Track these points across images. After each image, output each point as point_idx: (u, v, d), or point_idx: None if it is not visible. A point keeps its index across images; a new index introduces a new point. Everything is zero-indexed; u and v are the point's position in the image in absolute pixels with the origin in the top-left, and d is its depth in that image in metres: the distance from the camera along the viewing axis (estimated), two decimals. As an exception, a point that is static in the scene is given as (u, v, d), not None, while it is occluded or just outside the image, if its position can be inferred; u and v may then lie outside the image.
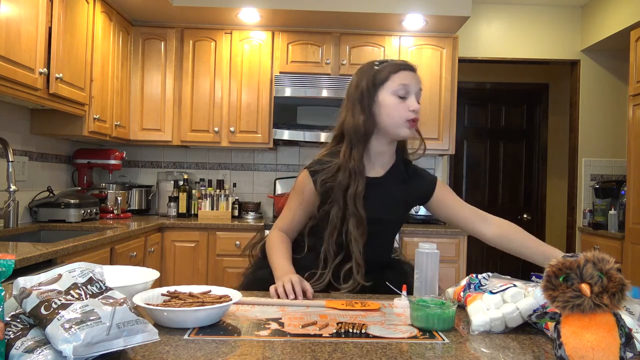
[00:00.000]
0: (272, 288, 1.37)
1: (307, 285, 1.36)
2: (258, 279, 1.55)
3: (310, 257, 1.54)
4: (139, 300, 1.08)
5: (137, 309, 0.92)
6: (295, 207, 1.57)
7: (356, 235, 1.47)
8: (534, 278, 1.25)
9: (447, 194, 1.63)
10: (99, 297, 0.86)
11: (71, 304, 0.81)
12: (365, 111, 1.50)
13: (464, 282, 1.28)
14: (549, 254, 1.39)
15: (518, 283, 1.15)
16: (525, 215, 5.31)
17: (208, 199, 3.82)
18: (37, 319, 0.81)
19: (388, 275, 1.54)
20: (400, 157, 1.60)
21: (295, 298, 1.32)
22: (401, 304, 1.25)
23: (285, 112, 3.74)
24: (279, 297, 1.33)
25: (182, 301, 1.10)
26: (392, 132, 1.51)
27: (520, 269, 5.21)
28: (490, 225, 1.56)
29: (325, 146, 1.63)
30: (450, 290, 1.32)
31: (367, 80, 1.51)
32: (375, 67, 1.52)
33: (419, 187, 1.61)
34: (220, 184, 3.94)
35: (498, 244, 1.55)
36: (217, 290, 1.19)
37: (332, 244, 1.50)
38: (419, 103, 1.51)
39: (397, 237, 3.51)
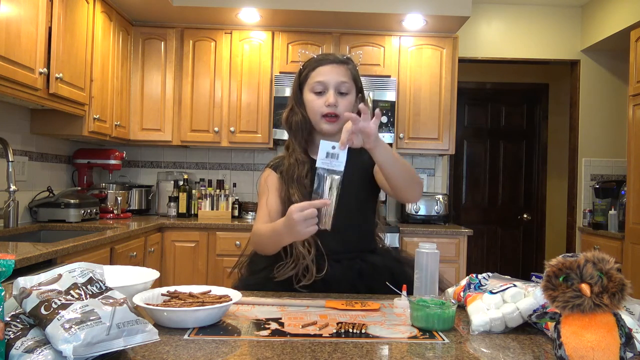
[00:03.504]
0: (303, 232, 1.24)
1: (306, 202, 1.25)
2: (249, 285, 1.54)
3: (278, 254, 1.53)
4: (139, 300, 1.08)
5: (137, 309, 0.92)
6: (265, 203, 1.57)
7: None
8: (534, 278, 1.25)
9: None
10: (99, 297, 0.86)
11: (71, 304, 0.81)
12: (294, 109, 1.59)
13: (464, 282, 1.28)
14: None
15: (518, 283, 1.15)
16: (525, 215, 5.31)
17: (208, 199, 3.82)
18: (37, 319, 0.81)
19: (373, 260, 1.53)
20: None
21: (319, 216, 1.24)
22: (401, 304, 1.25)
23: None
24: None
25: (182, 301, 1.10)
26: (317, 128, 1.57)
27: (520, 269, 5.24)
28: None
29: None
30: (450, 290, 1.32)
31: (296, 80, 1.61)
32: (301, 67, 1.60)
33: (367, 158, 1.55)
34: (220, 184, 3.94)
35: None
36: (217, 290, 1.19)
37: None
38: (345, 93, 1.53)
39: (397, 237, 3.53)
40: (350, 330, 1.05)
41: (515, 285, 1.12)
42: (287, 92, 3.69)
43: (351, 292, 1.45)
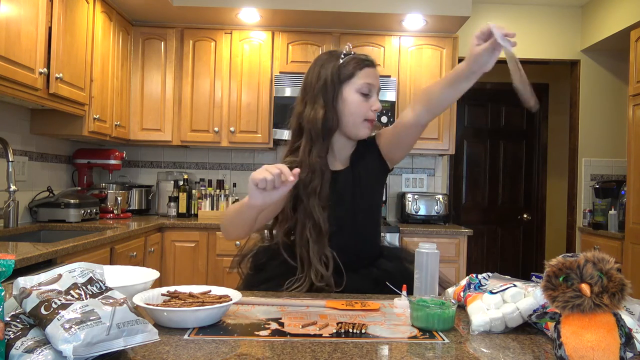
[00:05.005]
0: (253, 174, 1.14)
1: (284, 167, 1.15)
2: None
3: (287, 266, 1.48)
4: (139, 300, 1.08)
5: (137, 309, 0.92)
6: None
7: (312, 239, 1.42)
8: (534, 278, 1.25)
9: (385, 135, 1.55)
10: (99, 297, 0.86)
11: (71, 304, 0.81)
12: (328, 105, 1.44)
13: (464, 282, 1.28)
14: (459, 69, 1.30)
15: (518, 283, 1.14)
16: (525, 215, 5.31)
17: (208, 199, 3.83)
18: (37, 319, 0.81)
19: (382, 263, 1.53)
20: (358, 142, 1.55)
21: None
22: (401, 304, 1.25)
23: (285, 112, 3.71)
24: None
25: (182, 301, 1.10)
26: (351, 131, 1.47)
27: (520, 269, 5.24)
28: (415, 103, 1.44)
29: (286, 143, 1.56)
30: (450, 290, 1.32)
31: (331, 72, 1.45)
32: (340, 60, 1.47)
33: (372, 159, 1.55)
34: (220, 184, 3.94)
35: (436, 105, 1.40)
36: (217, 290, 1.19)
37: (305, 245, 1.45)
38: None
39: (397, 236, 3.53)
40: (350, 330, 1.05)
41: (515, 285, 1.12)
42: (287, 92, 3.69)
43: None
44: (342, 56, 1.48)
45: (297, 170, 1.12)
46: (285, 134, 3.68)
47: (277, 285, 1.47)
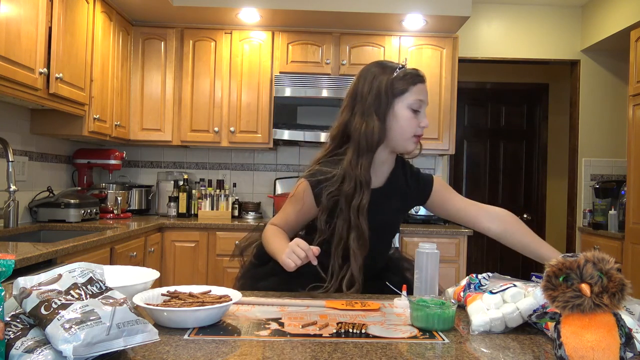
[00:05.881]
0: (285, 259, 1.32)
1: (309, 246, 1.33)
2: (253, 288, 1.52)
3: (314, 269, 1.47)
4: (139, 300, 1.08)
5: (137, 309, 0.92)
6: (291, 212, 1.52)
7: (356, 249, 1.44)
8: (534, 278, 1.25)
9: (444, 191, 1.62)
10: (99, 297, 0.86)
11: (71, 304, 0.81)
12: (380, 119, 1.43)
13: (464, 282, 1.28)
14: (547, 258, 1.42)
15: (518, 283, 1.15)
16: (525, 215, 5.31)
17: (208, 199, 3.83)
18: (37, 319, 0.81)
19: (388, 277, 1.54)
20: (399, 161, 1.58)
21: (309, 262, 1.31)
22: (401, 304, 1.25)
23: (285, 112, 3.74)
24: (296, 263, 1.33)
25: (182, 301, 1.10)
26: (398, 145, 1.49)
27: (520, 269, 5.23)
28: (494, 219, 1.56)
29: (323, 146, 1.57)
30: (450, 290, 1.32)
31: (385, 86, 1.44)
32: (395, 74, 1.45)
33: (416, 189, 1.60)
34: (220, 184, 3.94)
35: (501, 239, 1.55)
36: (217, 290, 1.19)
37: (338, 256, 1.46)
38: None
39: (397, 237, 3.53)
40: (350, 330, 1.05)
41: (515, 285, 1.12)
42: (287, 92, 3.68)
43: None
44: (397, 69, 1.47)
45: (316, 249, 1.32)
46: (286, 134, 3.68)
47: (280, 283, 1.47)
